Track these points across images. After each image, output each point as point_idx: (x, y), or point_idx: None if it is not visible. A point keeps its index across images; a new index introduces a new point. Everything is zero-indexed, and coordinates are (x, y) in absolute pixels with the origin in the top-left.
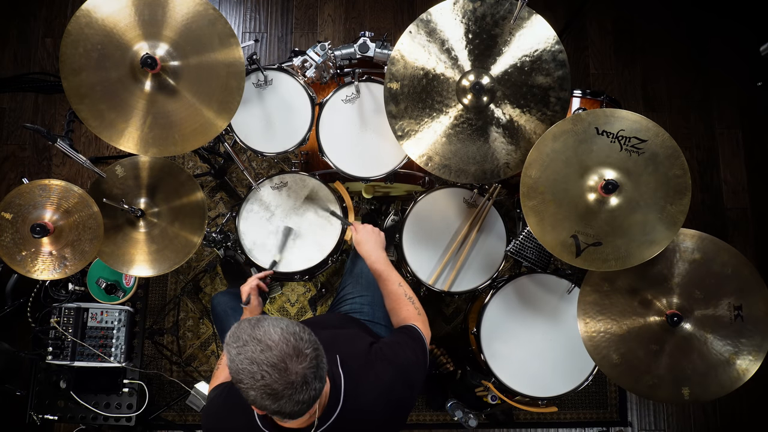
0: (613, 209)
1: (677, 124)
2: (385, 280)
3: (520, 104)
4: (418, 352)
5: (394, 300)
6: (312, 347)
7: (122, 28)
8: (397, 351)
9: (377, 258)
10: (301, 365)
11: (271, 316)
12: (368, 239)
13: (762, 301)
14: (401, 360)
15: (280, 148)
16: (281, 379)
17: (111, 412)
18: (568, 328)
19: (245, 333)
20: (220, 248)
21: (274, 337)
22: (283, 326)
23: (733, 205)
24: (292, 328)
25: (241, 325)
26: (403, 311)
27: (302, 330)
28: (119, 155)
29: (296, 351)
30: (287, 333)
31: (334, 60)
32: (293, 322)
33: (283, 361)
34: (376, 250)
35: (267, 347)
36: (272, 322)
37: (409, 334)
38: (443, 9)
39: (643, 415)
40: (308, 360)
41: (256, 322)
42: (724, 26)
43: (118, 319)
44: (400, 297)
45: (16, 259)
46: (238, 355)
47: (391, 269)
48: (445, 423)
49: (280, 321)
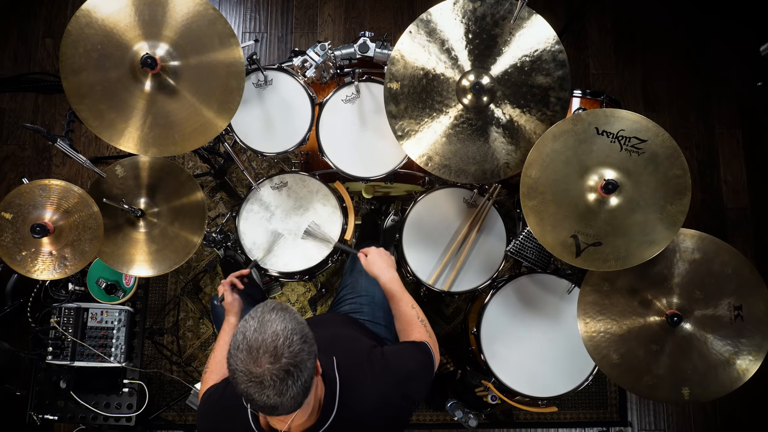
0: (613, 209)
1: (677, 124)
2: (398, 301)
3: (520, 104)
4: (424, 366)
5: (406, 322)
6: (293, 360)
7: (122, 28)
8: (400, 359)
9: (390, 278)
10: (270, 365)
11: (297, 313)
12: (379, 259)
13: (762, 301)
14: (403, 367)
15: (280, 148)
16: (247, 362)
17: (111, 412)
18: (568, 328)
19: (265, 309)
20: (220, 248)
21: (272, 327)
22: (290, 327)
23: (733, 205)
24: (294, 333)
25: (270, 303)
26: (414, 334)
27: (301, 340)
28: (119, 155)
29: (275, 350)
30: (285, 333)
31: (334, 60)
32: (302, 330)
33: (257, 351)
34: (387, 271)
35: (261, 331)
36: (288, 316)
37: (418, 347)
38: (443, 9)
39: (643, 415)
40: (279, 365)
41: (281, 308)
42: (724, 26)
43: (118, 319)
44: (413, 320)
45: (16, 259)
46: (244, 321)
47: (404, 291)
48: (445, 423)
49: (294, 321)
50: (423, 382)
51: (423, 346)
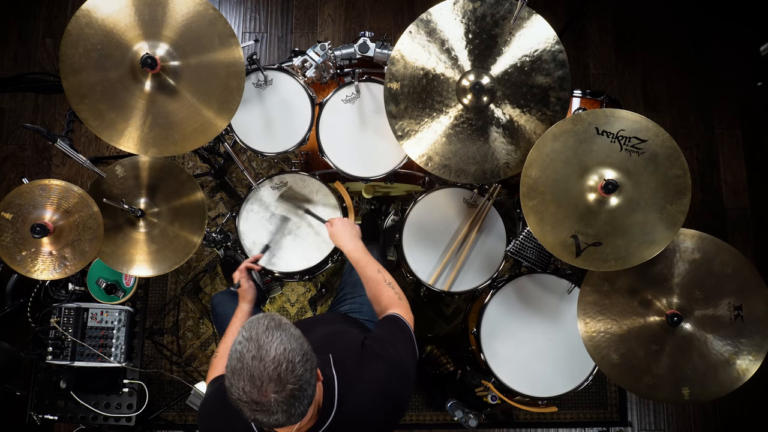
0: (613, 209)
1: (677, 124)
2: (363, 267)
3: (520, 104)
4: (406, 342)
5: (374, 287)
6: (298, 384)
7: (122, 28)
8: (385, 345)
9: (354, 247)
10: (275, 394)
11: (291, 326)
12: (343, 231)
13: (762, 301)
14: (391, 354)
15: (280, 148)
16: (251, 393)
17: (111, 412)
18: (568, 328)
19: (259, 328)
20: (220, 248)
21: (271, 353)
22: (289, 347)
23: (733, 205)
24: (295, 354)
25: (263, 319)
26: (384, 297)
27: (303, 360)
28: (119, 155)
29: (279, 379)
30: (285, 355)
31: (334, 60)
32: (302, 348)
33: (261, 380)
34: (351, 240)
35: (260, 357)
36: (284, 335)
37: (394, 324)
38: (443, 9)
39: (643, 415)
40: (285, 393)
41: (276, 326)
42: (724, 26)
43: (118, 319)
44: (380, 283)
45: (16, 259)
46: (238, 343)
47: (369, 257)
48: (445, 423)
49: (292, 339)
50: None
51: (397, 321)
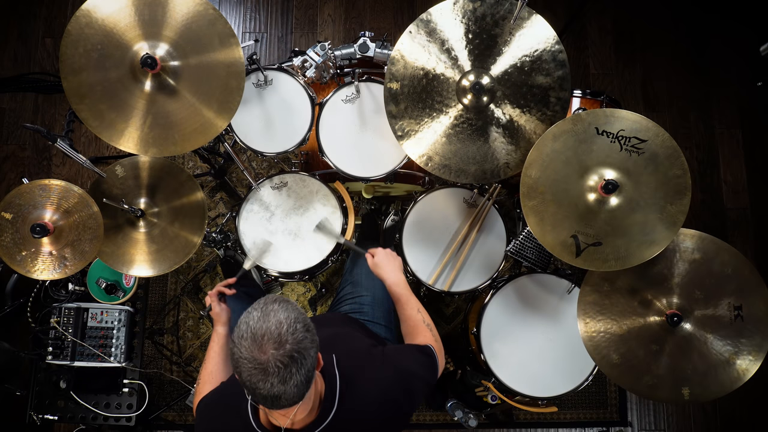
0: (613, 209)
1: (677, 124)
2: (405, 305)
3: (520, 104)
4: (426, 367)
5: (413, 326)
6: (297, 347)
7: (122, 28)
8: (402, 357)
9: (397, 281)
10: (274, 351)
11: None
12: (387, 261)
13: (762, 301)
14: (404, 365)
15: (280, 148)
16: (252, 349)
17: (111, 412)
18: (568, 328)
19: (267, 300)
20: (220, 248)
21: (276, 316)
22: (293, 316)
23: (733, 205)
24: (297, 322)
25: (273, 296)
26: (420, 337)
27: (304, 328)
28: (119, 155)
29: (279, 337)
30: (288, 322)
31: (334, 60)
32: (304, 320)
33: (262, 338)
34: (395, 273)
35: (265, 319)
36: (290, 307)
37: (422, 350)
38: (443, 9)
39: (643, 415)
40: (283, 351)
41: (284, 301)
42: (724, 26)
43: (118, 319)
44: (419, 324)
45: (16, 259)
46: (247, 313)
47: (411, 294)
48: (445, 423)
49: (297, 311)
50: (423, 382)
51: (426, 348)
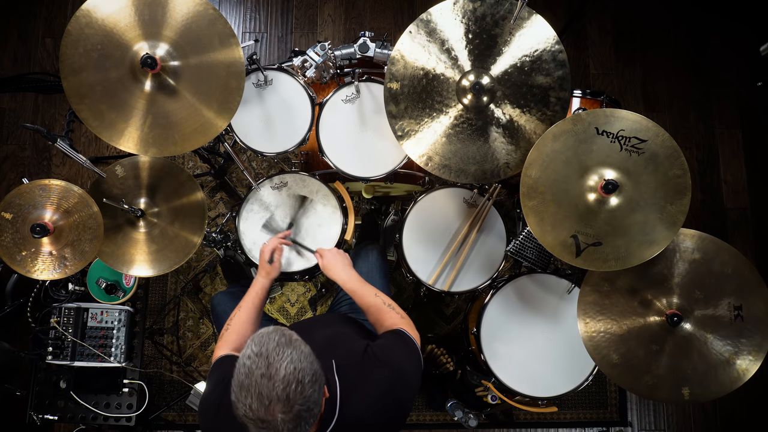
0: (613, 209)
1: (677, 124)
2: (361, 296)
3: (520, 104)
4: (410, 353)
5: (375, 311)
6: (306, 405)
7: (122, 28)
8: (388, 353)
9: (348, 277)
10: (282, 414)
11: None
12: (335, 263)
13: (762, 301)
14: (394, 361)
15: (280, 148)
16: (258, 411)
17: (111, 412)
18: (568, 328)
19: (270, 344)
20: (220, 248)
21: (281, 372)
22: (299, 366)
23: (733, 205)
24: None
25: (274, 335)
26: (386, 319)
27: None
28: (119, 155)
29: (287, 400)
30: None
31: (334, 60)
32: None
33: (269, 399)
34: (344, 271)
35: (269, 376)
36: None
37: (398, 337)
38: (443, 9)
39: (643, 415)
40: (292, 414)
41: (286, 342)
42: (724, 26)
43: (118, 319)
44: (380, 307)
45: (16, 259)
46: (247, 358)
47: (364, 284)
48: (445, 423)
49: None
50: (414, 367)
51: (402, 335)
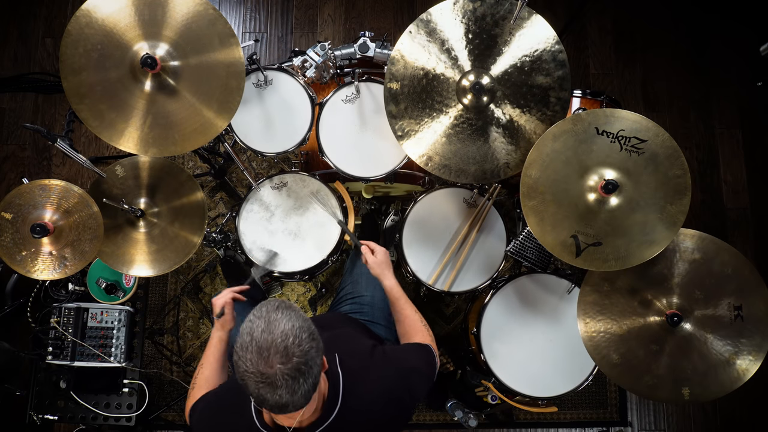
0: (613, 209)
1: (677, 124)
2: (404, 305)
3: (520, 104)
4: (428, 364)
5: (410, 325)
6: (304, 358)
7: (122, 28)
8: (403, 356)
9: (396, 282)
10: (281, 365)
11: (301, 311)
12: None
13: (762, 301)
14: (406, 364)
15: (280, 148)
16: (258, 363)
17: (111, 412)
18: (568, 328)
19: (270, 307)
20: (220, 248)
21: (280, 327)
22: (297, 324)
23: (733, 205)
24: (302, 331)
25: (273, 301)
26: (418, 337)
27: (309, 337)
28: (119, 155)
29: (285, 351)
30: (294, 332)
31: (334, 60)
32: (309, 328)
33: (268, 351)
34: (392, 274)
35: (269, 331)
36: (293, 314)
37: (423, 348)
38: (443, 9)
39: (643, 415)
40: (290, 365)
41: (286, 306)
42: (724, 26)
43: (118, 319)
44: (417, 323)
45: (16, 259)
46: (249, 321)
47: (405, 294)
48: (445, 423)
49: (300, 318)
50: (425, 379)
51: (427, 347)
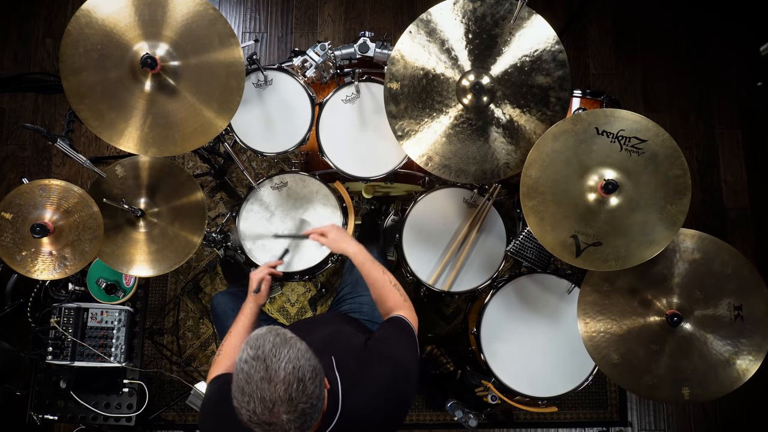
0: (613, 209)
1: (677, 124)
2: (369, 269)
3: (520, 104)
4: (410, 343)
5: (380, 287)
6: (309, 402)
7: (122, 28)
8: (390, 346)
9: (359, 249)
10: (287, 415)
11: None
12: (343, 236)
13: (762, 301)
14: (394, 354)
15: (280, 148)
16: (263, 415)
17: (111, 412)
18: (568, 328)
19: (266, 346)
20: (220, 248)
21: (280, 374)
22: (298, 365)
23: (733, 205)
24: (304, 371)
25: (269, 335)
26: (390, 299)
27: (312, 376)
28: (119, 155)
29: (291, 400)
30: (295, 374)
31: (334, 60)
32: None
33: (272, 402)
34: (353, 242)
35: (269, 379)
36: (292, 352)
37: (398, 326)
38: (443, 9)
39: (643, 415)
40: (296, 413)
41: (282, 342)
42: (724, 26)
43: (118, 319)
44: (386, 284)
45: (16, 259)
46: (245, 362)
47: (373, 259)
48: (445, 423)
49: (299, 355)
50: (415, 358)
51: (401, 323)
